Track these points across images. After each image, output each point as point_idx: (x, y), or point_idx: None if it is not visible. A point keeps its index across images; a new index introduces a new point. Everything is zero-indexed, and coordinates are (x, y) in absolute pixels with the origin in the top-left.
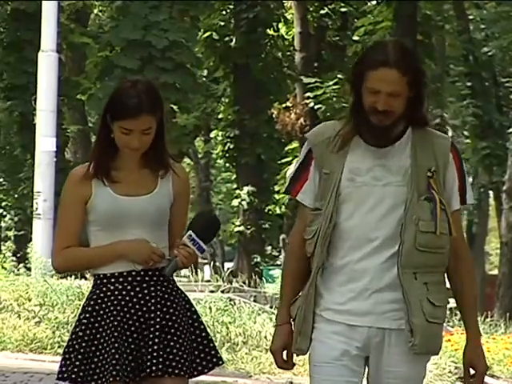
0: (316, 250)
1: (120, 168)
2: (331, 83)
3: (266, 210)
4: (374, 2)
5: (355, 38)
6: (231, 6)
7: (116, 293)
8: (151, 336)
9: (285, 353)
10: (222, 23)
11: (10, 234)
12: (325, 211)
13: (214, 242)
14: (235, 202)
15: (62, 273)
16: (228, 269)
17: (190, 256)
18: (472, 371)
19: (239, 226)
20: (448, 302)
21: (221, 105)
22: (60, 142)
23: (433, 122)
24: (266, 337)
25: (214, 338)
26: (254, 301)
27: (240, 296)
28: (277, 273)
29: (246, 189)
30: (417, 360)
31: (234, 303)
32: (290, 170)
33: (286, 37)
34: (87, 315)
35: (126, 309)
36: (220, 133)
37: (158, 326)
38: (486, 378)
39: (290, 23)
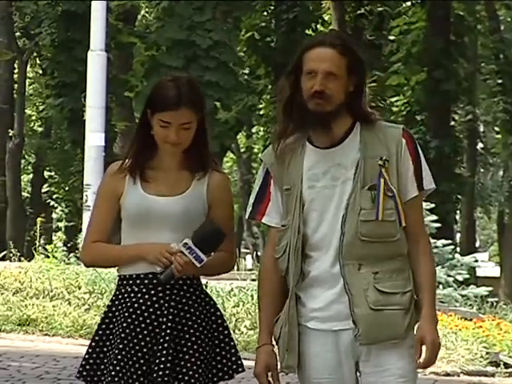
0: (290, 264)
1: (157, 168)
2: (368, 81)
3: None
4: (409, 3)
5: (391, 37)
6: (272, 7)
7: (132, 295)
8: (162, 341)
9: (269, 374)
10: (263, 24)
11: (61, 224)
12: (291, 224)
13: (256, 233)
14: None
15: (89, 267)
16: None
17: (185, 265)
18: (423, 347)
19: None
20: (409, 289)
21: (262, 101)
22: (108, 138)
23: (381, 117)
24: None
25: (255, 325)
26: None
27: None
28: None
29: None
30: (401, 350)
31: None
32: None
33: None
34: (104, 315)
35: (138, 311)
36: (261, 128)
37: (169, 331)
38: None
39: (328, 23)
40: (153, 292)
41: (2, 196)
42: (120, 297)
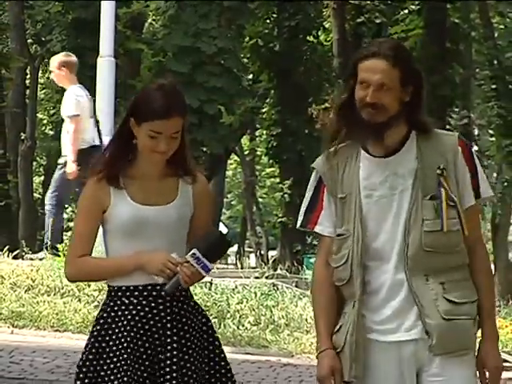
0: (353, 273)
1: (136, 176)
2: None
3: None
4: (406, 11)
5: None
6: (274, 15)
7: (131, 307)
8: (168, 355)
9: (332, 379)
10: (266, 31)
11: (71, 224)
12: (353, 233)
13: (259, 232)
14: (278, 196)
15: (73, 282)
16: (272, 257)
17: (192, 275)
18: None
19: (282, 217)
20: (476, 298)
21: (265, 105)
22: None
23: (436, 125)
24: (306, 319)
25: (258, 321)
26: (296, 286)
27: (283, 282)
28: None
29: (288, 183)
30: (460, 362)
31: (278, 288)
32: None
33: (324, 43)
34: (98, 327)
35: (140, 324)
36: (264, 131)
37: (174, 345)
38: (509, 357)
39: (329, 31)
40: (153, 304)
41: (14, 197)
42: (116, 309)
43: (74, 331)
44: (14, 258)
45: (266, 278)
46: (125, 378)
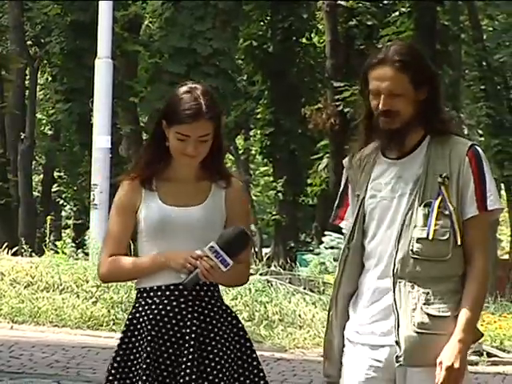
0: (337, 270)
1: (172, 179)
2: (358, 86)
3: (299, 201)
4: (397, 14)
5: (380, 46)
6: (268, 17)
7: (153, 307)
8: (186, 352)
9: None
10: (260, 32)
11: (70, 222)
12: (348, 235)
13: (253, 230)
14: (272, 194)
15: (107, 282)
16: (266, 254)
17: (211, 269)
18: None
19: (275, 215)
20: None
21: (259, 106)
22: (114, 140)
23: (457, 129)
24: (299, 315)
25: (252, 316)
26: (289, 283)
27: (276, 278)
28: (309, 258)
29: (281, 181)
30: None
31: (271, 285)
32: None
33: (317, 45)
34: (125, 328)
35: (161, 323)
36: (258, 131)
37: (192, 342)
38: (498, 352)
39: (322, 33)
40: (175, 303)
41: (14, 195)
42: (140, 309)
43: (73, 327)
44: (14, 254)
45: (260, 274)
46: (143, 377)
